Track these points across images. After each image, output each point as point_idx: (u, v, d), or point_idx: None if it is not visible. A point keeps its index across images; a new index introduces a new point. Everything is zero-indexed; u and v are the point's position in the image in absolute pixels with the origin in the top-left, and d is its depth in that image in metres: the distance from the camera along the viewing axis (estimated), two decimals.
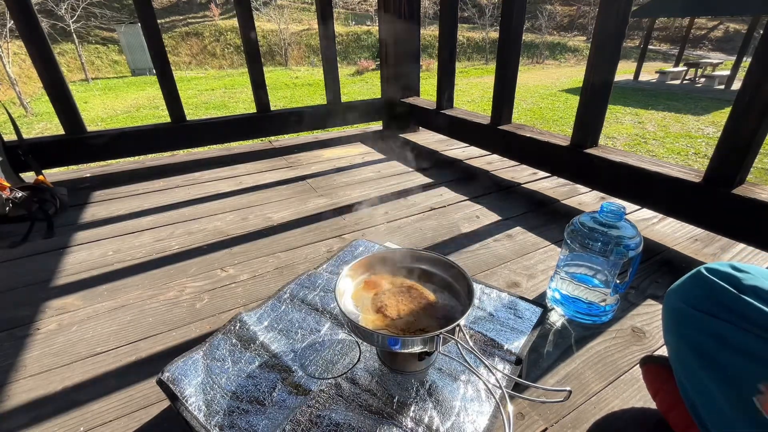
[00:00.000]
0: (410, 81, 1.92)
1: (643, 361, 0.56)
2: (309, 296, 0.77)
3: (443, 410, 0.55)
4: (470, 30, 19.45)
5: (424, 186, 1.39)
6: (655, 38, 21.11)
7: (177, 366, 0.59)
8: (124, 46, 13.96)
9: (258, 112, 1.71)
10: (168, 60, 1.47)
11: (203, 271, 0.93)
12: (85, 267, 0.96)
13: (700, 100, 8.56)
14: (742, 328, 0.39)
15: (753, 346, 0.38)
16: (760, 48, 0.77)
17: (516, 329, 0.69)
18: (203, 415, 0.54)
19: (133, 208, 1.27)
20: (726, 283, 0.42)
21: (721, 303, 0.41)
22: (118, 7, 16.28)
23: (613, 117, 7.34)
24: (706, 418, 0.42)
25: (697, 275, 0.45)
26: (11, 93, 9.82)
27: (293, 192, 1.36)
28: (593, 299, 0.72)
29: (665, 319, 0.49)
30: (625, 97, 8.95)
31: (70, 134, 1.42)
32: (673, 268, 0.90)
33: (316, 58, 16.10)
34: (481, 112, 1.62)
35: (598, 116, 1.11)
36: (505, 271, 0.90)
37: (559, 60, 17.95)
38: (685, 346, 0.44)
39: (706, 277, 0.44)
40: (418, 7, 1.75)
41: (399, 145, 1.84)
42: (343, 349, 0.65)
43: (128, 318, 0.79)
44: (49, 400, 0.62)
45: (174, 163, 1.65)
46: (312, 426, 0.52)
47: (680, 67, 11.69)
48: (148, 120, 7.55)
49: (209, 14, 18.25)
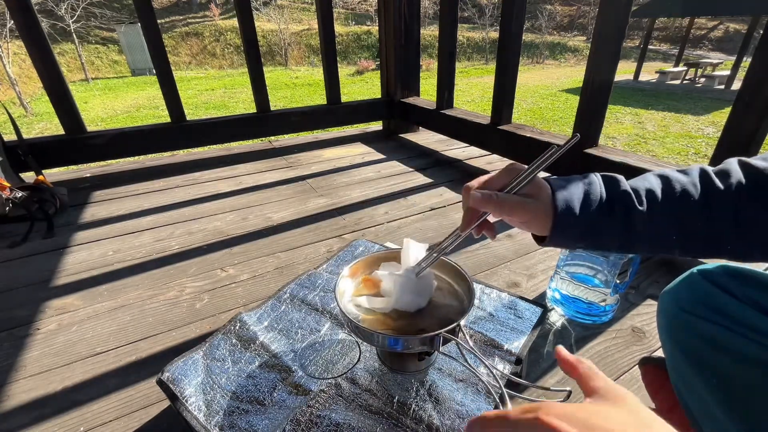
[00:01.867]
0: (410, 81, 1.92)
1: (641, 362, 0.56)
2: (309, 296, 0.77)
3: (443, 410, 0.55)
4: (470, 30, 19.45)
5: (424, 186, 1.39)
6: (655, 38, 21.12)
7: (177, 366, 0.59)
8: (124, 46, 13.96)
9: (258, 112, 1.71)
10: (168, 60, 1.47)
11: (203, 271, 0.93)
12: (85, 267, 0.96)
13: (700, 100, 8.55)
14: (735, 332, 0.38)
15: (746, 349, 0.37)
16: (760, 48, 0.77)
17: (516, 329, 0.69)
18: (203, 415, 0.54)
19: (133, 208, 1.27)
20: (719, 286, 0.41)
21: (714, 306, 0.41)
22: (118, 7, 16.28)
23: (613, 117, 7.34)
24: (701, 422, 0.42)
25: (689, 278, 0.45)
26: (11, 93, 9.82)
27: (293, 192, 1.36)
28: (593, 299, 0.72)
29: (659, 322, 0.49)
30: (625, 97, 8.94)
31: (70, 134, 1.42)
32: (673, 268, 0.90)
33: (316, 58, 16.10)
34: (481, 112, 1.62)
35: (598, 116, 1.11)
36: (505, 271, 0.90)
37: (559, 60, 17.95)
38: (679, 351, 0.44)
39: (700, 280, 0.43)
40: (418, 7, 1.75)
41: (399, 145, 1.84)
42: (343, 349, 0.65)
43: (128, 318, 0.79)
44: (49, 400, 0.62)
45: (174, 163, 1.65)
46: (312, 426, 0.52)
47: (680, 67, 11.68)
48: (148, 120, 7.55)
49: (209, 14, 18.25)
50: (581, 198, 0.40)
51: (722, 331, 0.39)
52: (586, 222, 0.40)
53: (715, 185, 0.38)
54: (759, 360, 0.36)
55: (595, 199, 0.40)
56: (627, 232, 0.40)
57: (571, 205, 0.40)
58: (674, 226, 0.39)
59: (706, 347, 0.40)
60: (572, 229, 0.40)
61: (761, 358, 0.36)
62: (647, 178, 0.41)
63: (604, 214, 0.40)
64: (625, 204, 0.39)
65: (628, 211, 0.39)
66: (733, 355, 0.38)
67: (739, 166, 0.39)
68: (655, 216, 0.39)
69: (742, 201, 0.37)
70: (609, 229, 0.40)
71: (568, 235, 0.41)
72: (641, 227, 0.39)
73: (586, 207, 0.40)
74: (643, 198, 0.39)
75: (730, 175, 0.38)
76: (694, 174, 0.40)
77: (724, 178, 0.38)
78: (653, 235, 0.40)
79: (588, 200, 0.40)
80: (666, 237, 0.40)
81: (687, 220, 0.38)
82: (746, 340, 0.37)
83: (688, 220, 0.38)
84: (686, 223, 0.39)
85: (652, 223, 0.39)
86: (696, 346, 0.41)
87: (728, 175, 0.38)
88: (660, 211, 0.39)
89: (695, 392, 0.42)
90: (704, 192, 0.38)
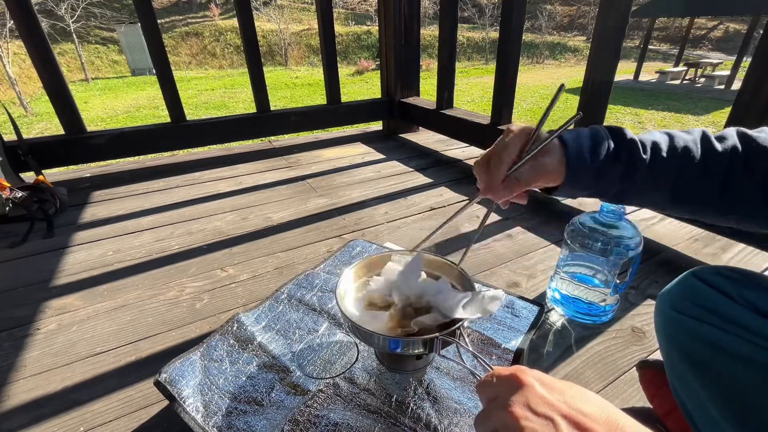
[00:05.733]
0: (410, 81, 1.92)
1: (639, 365, 0.57)
2: (306, 296, 0.77)
3: (441, 409, 0.55)
4: (470, 30, 19.45)
5: (424, 186, 1.39)
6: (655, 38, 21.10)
7: (174, 367, 0.59)
8: (124, 46, 13.95)
9: (258, 112, 1.71)
10: (168, 60, 1.47)
11: (203, 271, 0.93)
12: (85, 267, 0.96)
13: (700, 100, 8.55)
14: (731, 333, 0.38)
15: (741, 350, 0.37)
16: (760, 48, 0.77)
17: (513, 328, 0.69)
18: (201, 416, 0.54)
19: (133, 208, 1.27)
20: (714, 287, 0.42)
21: (710, 308, 0.41)
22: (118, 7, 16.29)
23: (613, 117, 7.34)
24: (699, 423, 0.42)
25: (685, 280, 0.45)
26: (11, 93, 9.82)
27: (293, 192, 1.36)
28: (593, 299, 0.72)
29: (656, 323, 0.49)
30: (625, 97, 8.94)
31: (70, 134, 1.42)
32: (673, 268, 0.90)
33: (316, 58, 16.10)
34: (481, 112, 1.62)
35: (598, 116, 1.11)
36: (505, 271, 0.90)
37: (559, 60, 17.95)
38: (676, 352, 0.44)
39: (695, 282, 0.43)
40: (418, 7, 1.75)
41: (399, 145, 1.84)
42: (341, 349, 0.65)
43: (128, 318, 0.79)
44: (49, 400, 0.62)
45: (174, 163, 1.65)
46: (310, 426, 0.52)
47: (680, 67, 11.68)
48: (148, 120, 7.55)
49: (209, 14, 18.26)
50: (590, 148, 0.43)
51: (718, 333, 0.39)
52: (595, 169, 0.42)
53: (714, 147, 0.40)
54: (754, 360, 0.36)
55: (603, 148, 0.42)
56: (628, 178, 0.42)
57: (582, 156, 0.42)
58: (671, 177, 0.41)
59: (702, 348, 0.40)
60: (582, 177, 0.43)
61: (756, 359, 0.36)
62: (653, 133, 0.44)
63: (610, 160, 0.42)
64: (629, 151, 0.42)
65: (632, 158, 0.42)
66: (728, 355, 0.38)
67: (737, 135, 0.41)
68: (657, 165, 0.41)
69: (733, 167, 0.39)
70: (612, 174, 0.43)
71: (577, 184, 0.44)
72: (642, 174, 0.42)
73: (596, 156, 0.42)
74: (648, 148, 0.42)
75: (727, 141, 0.40)
76: (696, 134, 0.42)
77: (722, 143, 0.40)
78: (650, 185, 0.42)
79: (597, 150, 0.42)
80: (662, 188, 0.42)
81: (684, 173, 0.41)
82: (741, 341, 0.37)
83: (686, 172, 0.41)
84: (683, 175, 0.41)
85: (652, 172, 0.41)
86: (692, 347, 0.42)
87: (726, 140, 0.40)
88: (661, 160, 0.41)
89: (692, 393, 0.42)
90: (703, 151, 0.40)
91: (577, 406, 0.25)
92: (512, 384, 0.27)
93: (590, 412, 0.24)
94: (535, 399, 0.26)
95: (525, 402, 0.26)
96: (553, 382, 0.27)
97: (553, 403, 0.25)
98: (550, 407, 0.25)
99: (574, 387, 0.27)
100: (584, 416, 0.24)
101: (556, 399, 0.25)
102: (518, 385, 0.27)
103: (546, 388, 0.26)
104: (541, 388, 0.26)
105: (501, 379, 0.29)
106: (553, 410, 0.25)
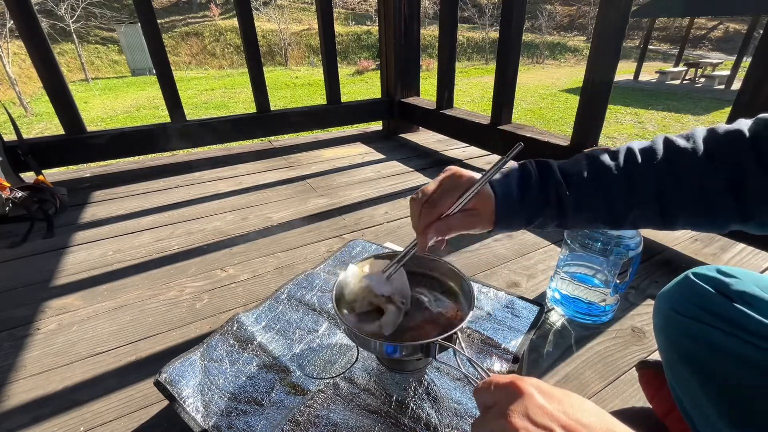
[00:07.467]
0: (410, 81, 1.92)
1: (638, 365, 0.57)
2: (306, 296, 0.77)
3: (441, 409, 0.55)
4: (470, 30, 19.45)
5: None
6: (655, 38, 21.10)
7: (174, 367, 0.59)
8: (124, 46, 13.95)
9: (258, 112, 1.71)
10: (168, 60, 1.47)
11: (203, 271, 0.93)
12: (85, 267, 0.96)
13: (700, 100, 8.55)
14: (729, 333, 0.38)
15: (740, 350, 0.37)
16: (760, 48, 0.77)
17: (513, 328, 0.69)
18: (201, 416, 0.54)
19: (133, 208, 1.27)
20: (713, 288, 0.41)
21: (709, 309, 0.41)
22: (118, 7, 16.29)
23: (613, 117, 7.33)
24: (698, 423, 0.42)
25: (684, 281, 0.45)
26: (11, 93, 9.82)
27: (293, 192, 1.36)
28: (593, 299, 0.72)
29: (655, 323, 0.49)
30: (625, 97, 8.94)
31: (70, 134, 1.42)
32: (673, 268, 0.90)
33: (316, 58, 16.10)
34: (481, 112, 1.62)
35: (598, 116, 1.11)
36: (505, 271, 0.90)
37: (559, 60, 17.95)
38: (674, 352, 0.44)
39: (694, 283, 0.43)
40: (418, 7, 1.75)
41: (399, 145, 1.84)
42: (341, 349, 0.65)
43: (128, 318, 0.79)
44: (49, 400, 0.62)
45: (174, 163, 1.65)
46: (310, 426, 0.52)
47: (680, 67, 11.68)
48: (148, 120, 7.55)
49: (209, 14, 18.26)
50: (519, 198, 0.45)
51: (716, 333, 0.39)
52: (525, 219, 0.45)
53: (638, 163, 0.41)
54: (752, 361, 0.36)
55: (533, 196, 0.44)
56: (561, 216, 0.45)
57: (512, 208, 0.45)
58: (600, 206, 0.43)
59: (700, 349, 0.40)
60: (514, 225, 0.46)
61: (754, 360, 0.36)
62: (579, 161, 0.45)
63: (541, 206, 0.44)
64: (557, 193, 0.44)
65: (559, 199, 0.44)
66: (726, 356, 0.38)
67: (662, 144, 0.41)
68: (583, 199, 0.43)
69: (661, 177, 0.40)
70: (545, 216, 0.45)
71: (509, 229, 0.47)
72: (571, 212, 0.44)
73: (525, 205, 0.45)
74: (572, 183, 0.44)
75: (655, 152, 0.41)
76: (621, 155, 0.43)
77: (648, 156, 0.41)
78: (583, 216, 0.44)
79: (526, 198, 0.45)
80: (594, 215, 0.44)
81: (611, 199, 0.42)
82: (740, 342, 0.37)
83: (613, 199, 0.42)
84: (611, 201, 0.43)
85: (580, 208, 0.43)
86: (691, 347, 0.42)
87: (653, 153, 0.41)
88: (585, 193, 0.43)
89: (690, 393, 0.42)
90: (626, 171, 0.42)
91: (576, 416, 0.25)
92: (510, 392, 0.27)
93: (589, 422, 0.25)
94: (534, 409, 0.25)
95: (524, 412, 0.26)
96: (552, 390, 0.27)
97: (552, 413, 0.25)
98: (549, 417, 0.25)
99: (571, 396, 0.27)
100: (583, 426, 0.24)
101: (555, 409, 0.25)
102: (517, 393, 0.27)
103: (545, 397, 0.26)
104: (540, 398, 0.26)
105: (499, 387, 0.29)
106: (553, 420, 0.25)
